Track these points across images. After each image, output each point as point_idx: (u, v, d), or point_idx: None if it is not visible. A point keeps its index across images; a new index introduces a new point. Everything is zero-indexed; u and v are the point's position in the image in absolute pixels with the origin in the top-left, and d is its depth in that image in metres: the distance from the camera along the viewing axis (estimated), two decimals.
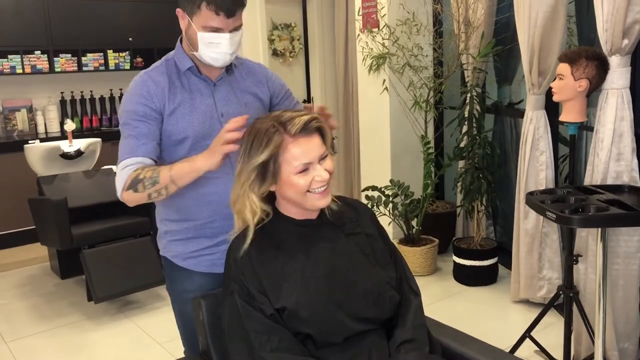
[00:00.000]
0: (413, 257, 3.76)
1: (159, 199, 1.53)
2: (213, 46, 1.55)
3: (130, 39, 5.46)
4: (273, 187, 1.42)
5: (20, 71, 4.94)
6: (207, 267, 1.70)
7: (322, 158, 1.41)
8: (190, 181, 1.51)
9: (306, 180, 1.39)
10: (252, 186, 1.39)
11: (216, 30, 1.54)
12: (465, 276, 3.66)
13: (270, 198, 1.47)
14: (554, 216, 2.08)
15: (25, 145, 3.94)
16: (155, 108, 1.59)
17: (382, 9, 4.05)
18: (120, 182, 1.55)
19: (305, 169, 1.38)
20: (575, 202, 2.18)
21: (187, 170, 1.48)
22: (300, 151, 1.37)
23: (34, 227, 3.81)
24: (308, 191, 1.39)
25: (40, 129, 5.24)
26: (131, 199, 1.54)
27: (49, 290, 3.91)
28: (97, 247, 3.50)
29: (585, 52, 2.39)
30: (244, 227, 1.44)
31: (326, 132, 1.44)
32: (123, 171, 1.55)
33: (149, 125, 1.58)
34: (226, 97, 1.67)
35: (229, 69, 1.69)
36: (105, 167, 4.11)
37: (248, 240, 1.41)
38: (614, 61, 2.38)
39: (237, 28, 1.57)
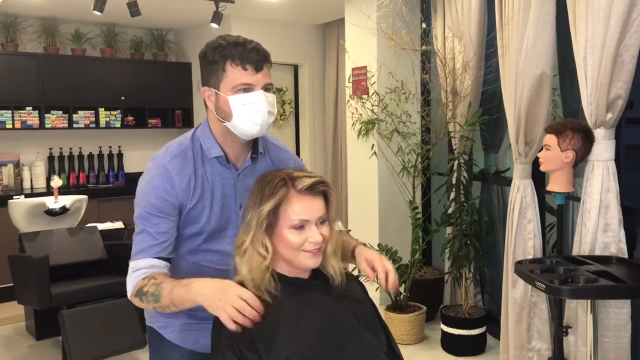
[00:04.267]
0: (400, 324, 3.69)
1: (167, 311, 1.47)
2: (248, 107, 1.47)
3: (122, 97, 5.52)
4: (271, 240, 1.43)
5: (10, 126, 4.94)
6: (195, 344, 1.62)
7: (321, 222, 1.42)
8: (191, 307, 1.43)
9: (300, 238, 1.39)
10: (266, 232, 1.40)
11: (247, 87, 1.47)
12: (453, 345, 3.58)
13: None
14: (544, 286, 2.07)
15: (10, 201, 3.88)
16: (176, 204, 1.51)
17: (371, 77, 4.15)
18: (129, 285, 1.53)
19: (301, 226, 1.39)
20: (564, 273, 2.17)
21: (186, 300, 1.39)
22: (302, 207, 1.39)
23: (12, 285, 3.70)
24: (302, 250, 1.40)
25: (26, 184, 5.19)
26: (139, 305, 1.52)
27: (23, 352, 3.75)
28: (77, 308, 3.40)
29: (571, 124, 2.46)
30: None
31: (331, 201, 1.45)
32: (133, 275, 1.52)
33: (167, 221, 1.51)
34: (248, 187, 1.55)
35: (254, 157, 1.60)
36: (90, 224, 4.05)
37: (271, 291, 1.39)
38: (599, 134, 2.44)
39: (268, 87, 1.50)
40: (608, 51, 2.34)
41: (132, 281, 1.51)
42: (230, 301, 1.30)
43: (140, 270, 1.50)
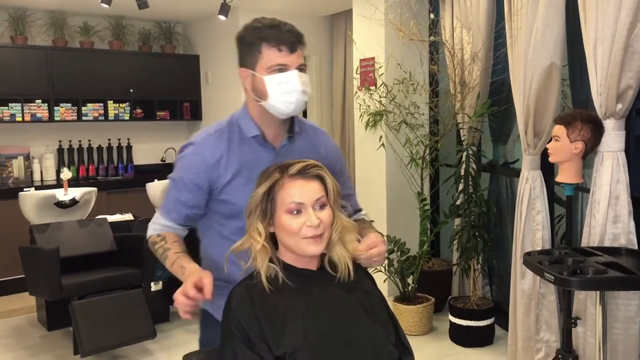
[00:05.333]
0: (408, 315, 3.70)
1: None
2: (283, 86, 1.52)
3: (131, 90, 5.53)
4: (272, 228, 1.44)
5: (20, 119, 4.97)
6: None
7: (319, 205, 1.41)
8: None
9: (298, 223, 1.39)
10: (258, 217, 1.43)
11: (282, 68, 1.52)
12: (461, 337, 3.59)
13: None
14: (552, 278, 2.07)
15: (20, 193, 3.92)
16: (204, 182, 1.59)
17: (379, 68, 4.14)
18: (148, 232, 1.71)
19: (297, 210, 1.39)
20: (573, 264, 2.17)
21: (181, 279, 1.52)
22: (294, 190, 1.40)
23: (23, 276, 3.74)
24: (302, 237, 1.39)
25: (36, 176, 5.23)
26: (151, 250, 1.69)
27: (35, 343, 3.80)
28: (87, 299, 3.43)
29: (580, 115, 2.44)
30: (248, 274, 1.44)
31: (329, 183, 1.44)
32: (152, 226, 1.69)
33: (192, 194, 1.61)
34: None
35: (291, 136, 1.65)
36: (100, 216, 4.08)
37: (264, 276, 1.41)
38: (609, 125, 2.42)
39: (302, 67, 1.55)
40: (618, 41, 2.32)
41: (150, 229, 1.70)
42: (179, 292, 1.44)
43: (157, 224, 1.68)
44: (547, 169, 3.03)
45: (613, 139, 2.43)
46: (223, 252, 1.54)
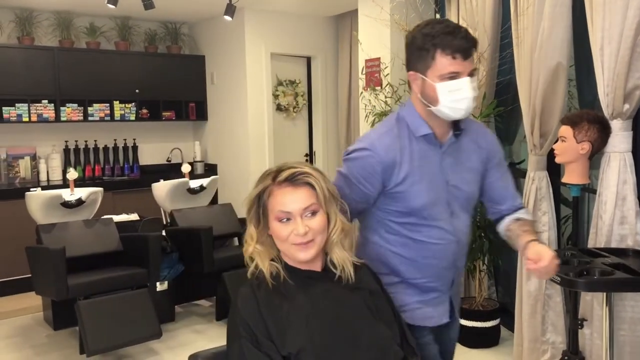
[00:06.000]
0: None
1: None
2: (454, 94, 1.52)
3: (137, 90, 5.55)
4: (269, 231, 1.45)
5: (27, 119, 4.99)
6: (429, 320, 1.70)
7: (310, 212, 1.41)
8: None
9: (287, 230, 1.40)
10: (251, 221, 1.45)
11: (455, 75, 1.51)
12: (467, 337, 3.57)
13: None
14: (559, 279, 2.06)
15: (27, 193, 3.93)
16: (378, 181, 1.59)
17: (385, 68, 4.13)
18: None
19: (286, 219, 1.41)
20: (579, 265, 2.16)
21: None
22: (282, 199, 1.41)
23: (30, 275, 3.75)
24: (290, 243, 1.41)
25: (43, 176, 5.25)
26: None
27: (41, 342, 3.81)
28: (93, 298, 3.44)
29: (587, 115, 2.43)
30: (253, 276, 1.45)
31: (318, 190, 1.43)
32: None
33: (365, 192, 1.61)
34: (453, 164, 1.63)
35: (457, 133, 1.65)
36: (106, 216, 4.09)
37: (267, 275, 1.42)
38: (616, 125, 2.41)
39: (473, 72, 1.55)
40: (626, 41, 2.31)
41: None
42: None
43: None
44: (554, 170, 3.02)
45: (620, 140, 2.41)
46: (390, 247, 1.62)
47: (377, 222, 1.69)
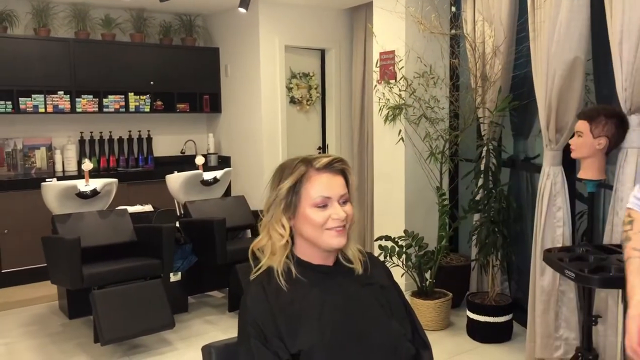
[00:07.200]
0: (426, 310, 3.69)
1: None
2: None
3: (151, 82, 5.57)
4: (292, 221, 1.43)
5: (43, 110, 5.04)
6: None
7: (343, 200, 1.42)
8: None
9: (323, 216, 1.39)
10: (283, 211, 1.41)
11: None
12: (479, 332, 3.57)
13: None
14: (573, 275, 2.04)
15: (43, 183, 3.97)
16: None
17: (399, 61, 4.11)
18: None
19: (323, 205, 1.39)
20: (594, 261, 2.14)
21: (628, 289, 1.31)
22: (322, 184, 1.39)
23: (45, 265, 3.80)
24: (325, 228, 1.39)
25: (58, 167, 5.31)
26: None
27: (56, 330, 3.87)
28: (107, 288, 3.48)
29: (604, 110, 2.40)
30: (262, 271, 1.43)
31: (350, 180, 1.45)
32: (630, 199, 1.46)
33: None
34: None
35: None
36: (120, 207, 4.12)
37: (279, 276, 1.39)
38: (634, 120, 2.38)
39: None
40: None
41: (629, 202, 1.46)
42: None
43: (633, 197, 1.43)
44: (569, 165, 2.99)
45: (638, 135, 2.38)
46: None
47: None
